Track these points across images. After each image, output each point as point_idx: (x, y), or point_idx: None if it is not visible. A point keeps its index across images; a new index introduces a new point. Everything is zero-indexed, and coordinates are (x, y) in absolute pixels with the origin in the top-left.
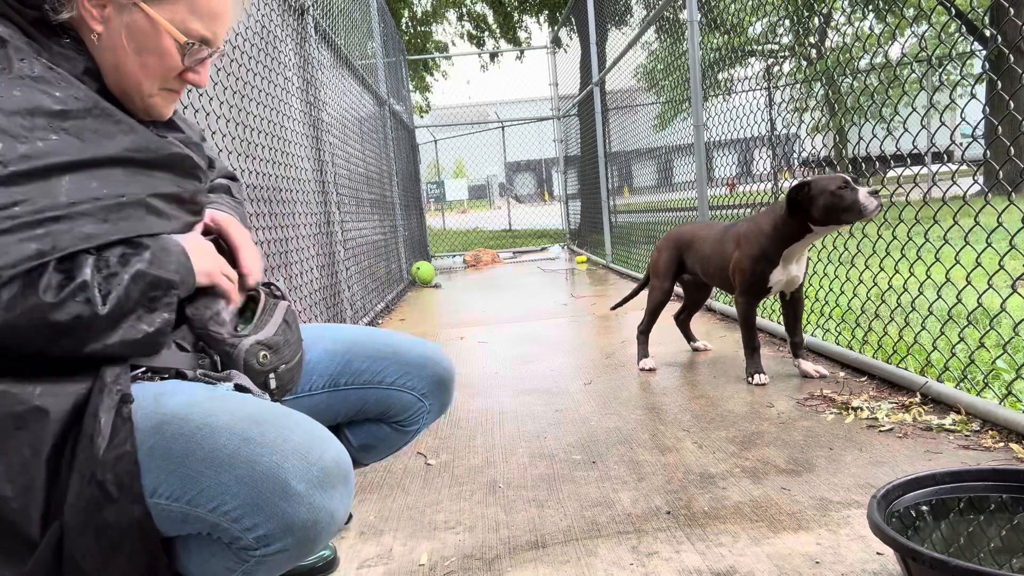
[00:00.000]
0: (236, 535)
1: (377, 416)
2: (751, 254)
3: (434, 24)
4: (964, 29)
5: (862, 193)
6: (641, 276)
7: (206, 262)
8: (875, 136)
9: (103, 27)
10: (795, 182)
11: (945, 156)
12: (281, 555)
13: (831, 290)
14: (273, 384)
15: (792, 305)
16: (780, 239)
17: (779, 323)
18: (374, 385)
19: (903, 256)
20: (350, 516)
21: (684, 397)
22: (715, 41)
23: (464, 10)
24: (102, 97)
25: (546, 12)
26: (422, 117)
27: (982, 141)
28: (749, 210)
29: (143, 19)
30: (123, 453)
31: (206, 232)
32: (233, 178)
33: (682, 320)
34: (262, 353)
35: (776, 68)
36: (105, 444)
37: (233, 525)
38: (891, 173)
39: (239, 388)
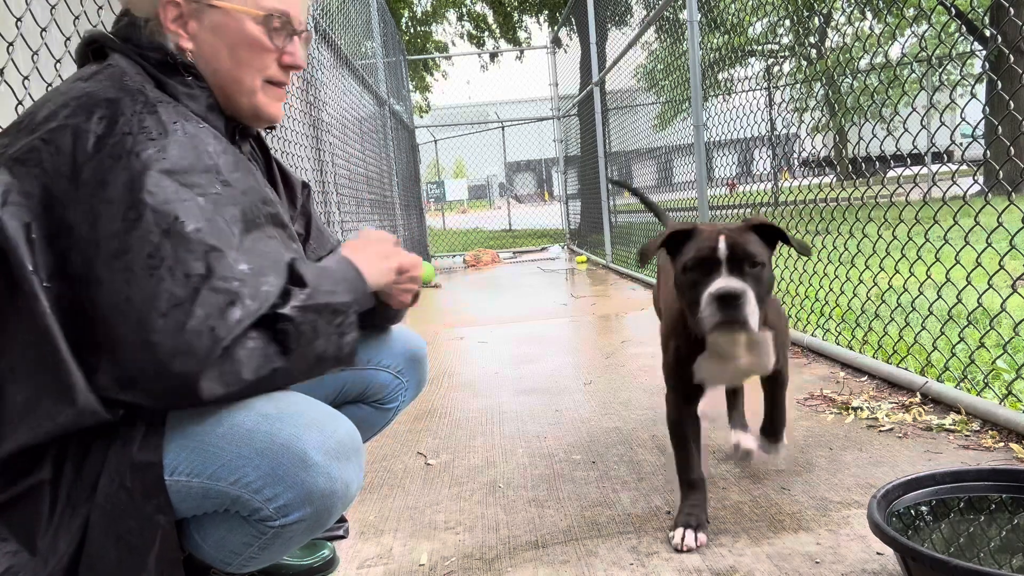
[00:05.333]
0: (257, 506)
1: (356, 397)
2: (666, 326)
3: (434, 24)
4: (964, 29)
5: (708, 293)
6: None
7: (378, 263)
8: (875, 136)
9: (193, 43)
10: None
11: (945, 156)
12: (299, 525)
13: (831, 290)
14: None
15: (765, 387)
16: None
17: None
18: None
19: (903, 256)
20: (347, 528)
21: None
22: (715, 41)
23: (464, 10)
24: (228, 126)
25: (546, 12)
26: (422, 117)
27: (982, 141)
28: (749, 210)
29: (220, 15)
30: (151, 462)
31: None
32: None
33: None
34: None
35: (776, 68)
36: (136, 449)
37: (254, 496)
38: (891, 173)
39: None
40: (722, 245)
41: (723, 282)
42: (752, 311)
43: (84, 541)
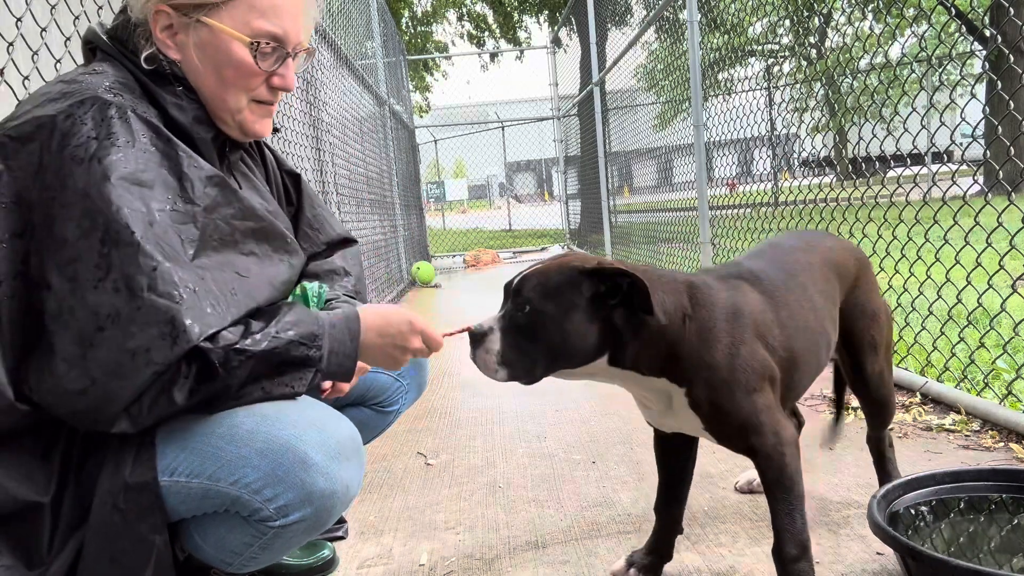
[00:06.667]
0: (256, 507)
1: (356, 400)
2: None
3: (434, 24)
4: (964, 29)
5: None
6: None
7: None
8: (875, 136)
9: (180, 54)
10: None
11: (945, 156)
12: (299, 525)
13: None
14: None
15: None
16: None
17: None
18: None
19: (903, 256)
20: (346, 529)
21: None
22: (715, 41)
23: (464, 10)
24: (217, 137)
25: (546, 12)
26: (422, 117)
27: (982, 141)
28: (749, 210)
29: (208, 33)
30: (145, 482)
31: None
32: (345, 242)
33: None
34: None
35: (776, 68)
36: (128, 471)
37: (254, 496)
38: (891, 173)
39: None
40: (515, 280)
41: (483, 319)
42: (491, 353)
43: (78, 561)
